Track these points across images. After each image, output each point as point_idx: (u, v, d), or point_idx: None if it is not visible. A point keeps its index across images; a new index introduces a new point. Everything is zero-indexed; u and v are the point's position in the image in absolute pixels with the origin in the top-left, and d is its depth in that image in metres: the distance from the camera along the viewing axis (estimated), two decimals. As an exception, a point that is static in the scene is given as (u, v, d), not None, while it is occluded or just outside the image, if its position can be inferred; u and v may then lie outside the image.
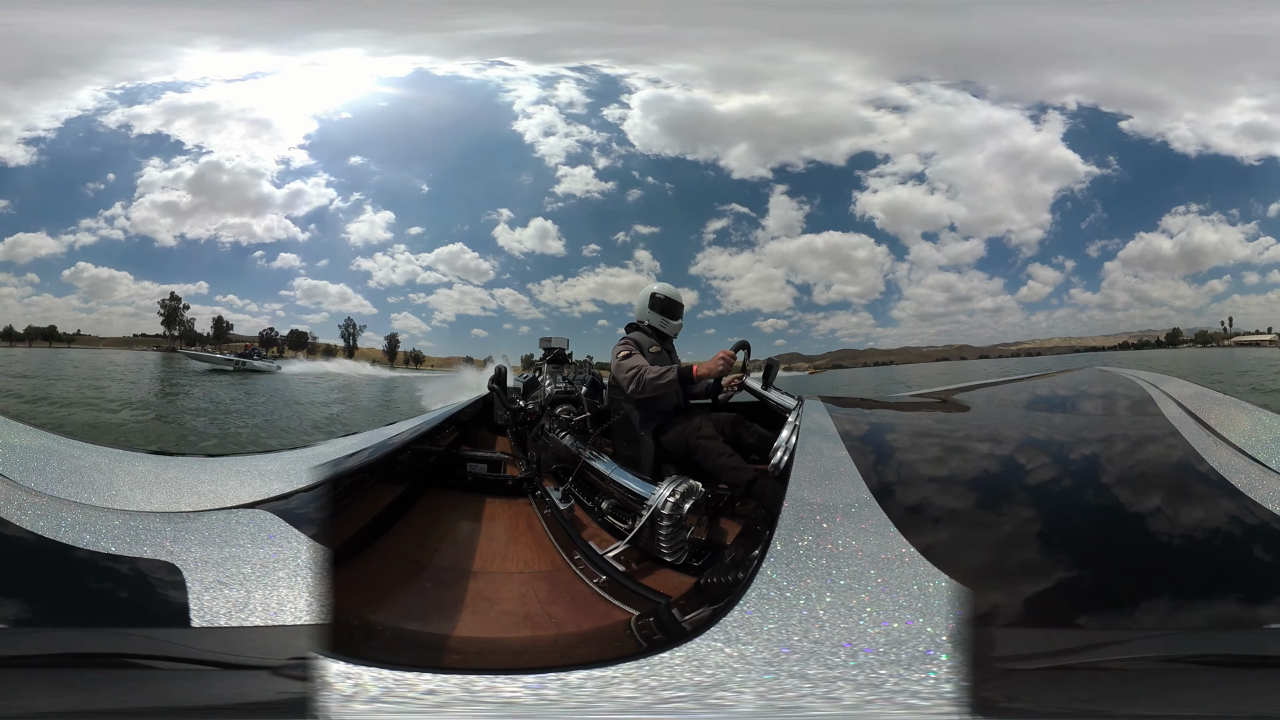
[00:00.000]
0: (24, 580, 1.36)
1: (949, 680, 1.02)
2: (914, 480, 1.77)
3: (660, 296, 3.14)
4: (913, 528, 1.31)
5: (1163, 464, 1.82)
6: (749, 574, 1.22)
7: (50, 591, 1.34)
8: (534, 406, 3.54)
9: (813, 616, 1.11)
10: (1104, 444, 2.07)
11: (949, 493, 1.69)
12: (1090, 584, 1.31)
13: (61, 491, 1.63)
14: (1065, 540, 1.45)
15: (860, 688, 1.02)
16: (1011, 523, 1.54)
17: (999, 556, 1.39)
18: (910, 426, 2.52)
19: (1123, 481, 1.76)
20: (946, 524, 1.49)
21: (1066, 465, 1.88)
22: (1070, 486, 1.73)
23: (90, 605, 1.33)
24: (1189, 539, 1.46)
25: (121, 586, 1.37)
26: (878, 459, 1.90)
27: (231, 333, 30.69)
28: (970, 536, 1.45)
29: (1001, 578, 1.30)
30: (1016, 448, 2.09)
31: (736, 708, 1.02)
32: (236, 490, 1.70)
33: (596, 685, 1.06)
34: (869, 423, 2.64)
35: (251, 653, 1.20)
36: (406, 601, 1.90)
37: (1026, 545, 1.42)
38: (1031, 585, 1.30)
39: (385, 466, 2.27)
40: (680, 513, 2.05)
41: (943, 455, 2.05)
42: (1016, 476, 1.85)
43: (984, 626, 1.09)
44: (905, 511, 1.41)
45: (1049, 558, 1.38)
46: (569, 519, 2.55)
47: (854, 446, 1.86)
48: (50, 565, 1.38)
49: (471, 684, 1.08)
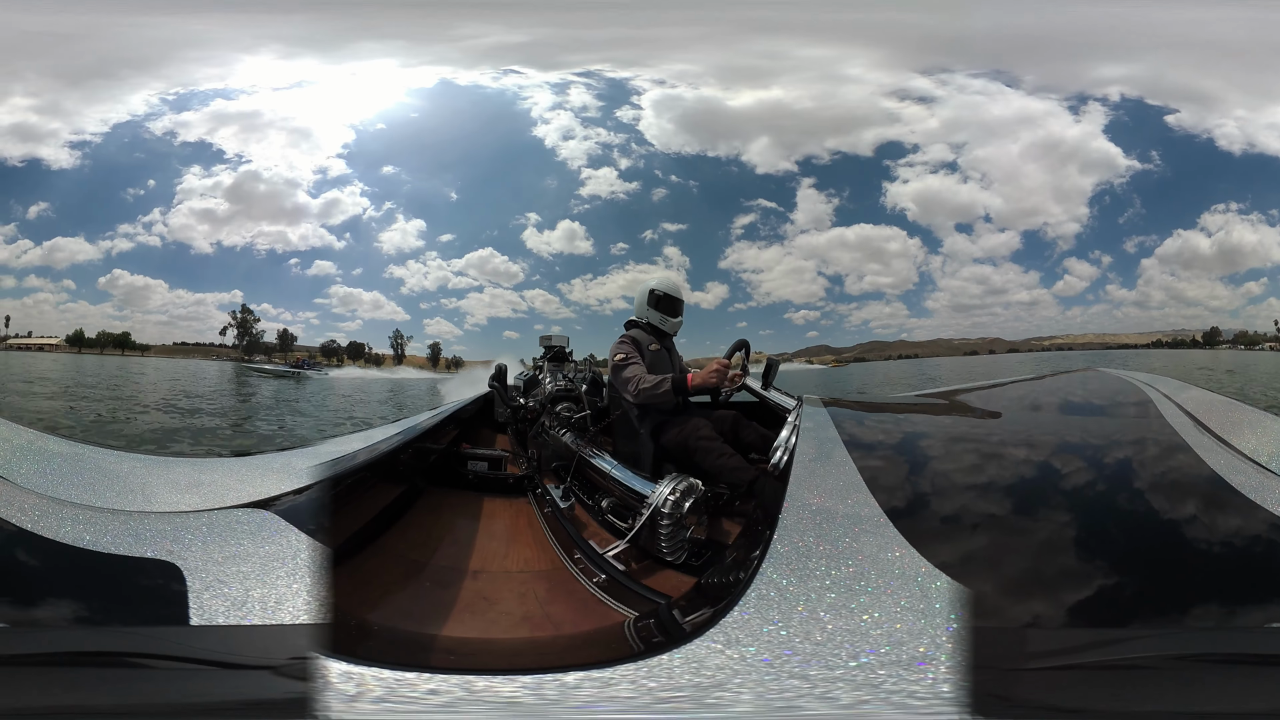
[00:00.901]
0: (24, 580, 1.37)
1: (948, 680, 1.02)
2: (914, 481, 1.77)
3: (659, 293, 3.08)
4: (913, 528, 1.31)
5: (1163, 464, 1.82)
6: (749, 574, 1.22)
7: (50, 591, 1.35)
8: (534, 404, 3.53)
9: (813, 618, 1.11)
10: (1108, 446, 2.07)
11: (950, 494, 1.69)
12: (1090, 584, 1.31)
13: (62, 493, 1.63)
14: (1066, 540, 1.45)
15: (859, 688, 1.02)
16: (1012, 523, 1.54)
17: (999, 556, 1.39)
18: (910, 428, 2.52)
19: (1123, 482, 1.77)
20: (947, 525, 1.49)
21: (1067, 465, 1.88)
22: (1070, 486, 1.73)
23: (90, 605, 1.33)
24: (1189, 538, 1.46)
25: (121, 586, 1.37)
26: (878, 460, 1.90)
27: (295, 343, 30.89)
28: (970, 537, 1.45)
29: (1002, 578, 1.30)
30: (1017, 449, 2.09)
31: (734, 708, 1.02)
32: (237, 490, 1.70)
33: (595, 686, 1.06)
34: (869, 423, 2.64)
35: (251, 652, 1.20)
36: (407, 601, 1.90)
37: (1027, 545, 1.42)
38: (1032, 585, 1.29)
39: (385, 465, 2.27)
40: (680, 511, 2.05)
41: (943, 456, 2.05)
42: (1019, 478, 1.85)
43: (984, 626, 1.09)
44: (905, 512, 1.41)
45: (1049, 558, 1.38)
46: (569, 517, 2.55)
47: (854, 447, 1.86)
48: (50, 565, 1.38)
49: (471, 684, 1.09)
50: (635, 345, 2.96)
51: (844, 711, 1.00)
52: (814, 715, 1.01)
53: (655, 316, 3.09)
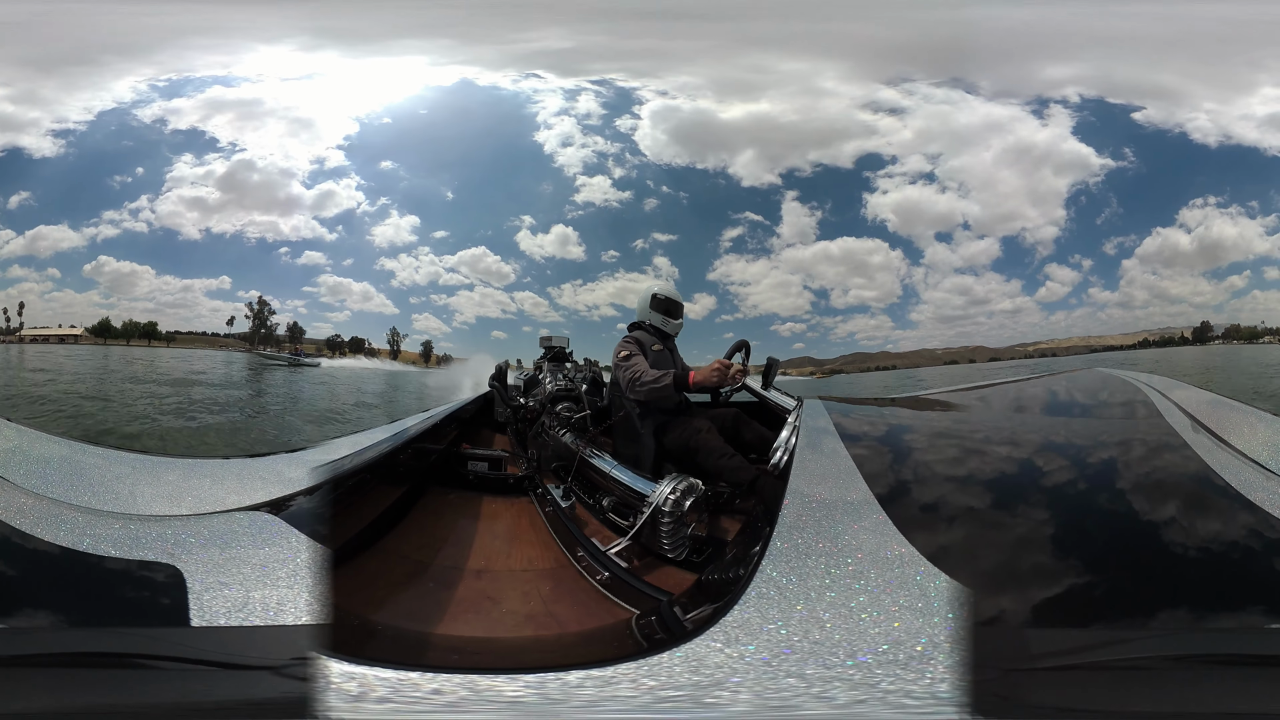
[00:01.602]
0: (25, 581, 1.37)
1: (946, 680, 1.02)
2: (914, 480, 1.77)
3: (661, 296, 3.17)
4: (912, 527, 1.31)
5: (1162, 464, 1.82)
6: (749, 572, 1.22)
7: (51, 593, 1.35)
8: (534, 404, 3.54)
9: (812, 616, 1.11)
10: (1102, 445, 2.07)
11: (949, 493, 1.69)
12: (1091, 584, 1.31)
13: (64, 495, 1.64)
14: (1067, 540, 1.45)
15: (857, 687, 1.02)
16: (1012, 523, 1.54)
17: (999, 556, 1.39)
18: (911, 427, 2.52)
19: (1123, 482, 1.76)
20: (946, 524, 1.49)
21: (1067, 465, 1.88)
22: (1070, 486, 1.73)
23: (91, 606, 1.34)
24: (1189, 538, 1.46)
25: (122, 588, 1.37)
26: (878, 459, 1.90)
27: (305, 336, 31.49)
28: (970, 536, 1.45)
29: (1002, 578, 1.30)
30: (1017, 449, 2.09)
31: (732, 707, 1.02)
32: (237, 493, 1.71)
33: (597, 685, 1.07)
34: (868, 423, 2.64)
35: (253, 652, 1.20)
36: (410, 601, 1.90)
37: (1027, 545, 1.42)
38: (1032, 585, 1.30)
39: (386, 466, 2.27)
40: (681, 509, 2.06)
41: (943, 456, 2.05)
42: (1018, 477, 1.85)
43: (984, 626, 1.09)
44: (905, 511, 1.41)
45: (1050, 558, 1.38)
46: (571, 516, 2.55)
47: (854, 446, 1.86)
48: (51, 567, 1.39)
49: (475, 683, 1.09)
50: (639, 344, 3.01)
51: (841, 711, 1.00)
52: (811, 714, 1.01)
53: (658, 318, 3.16)
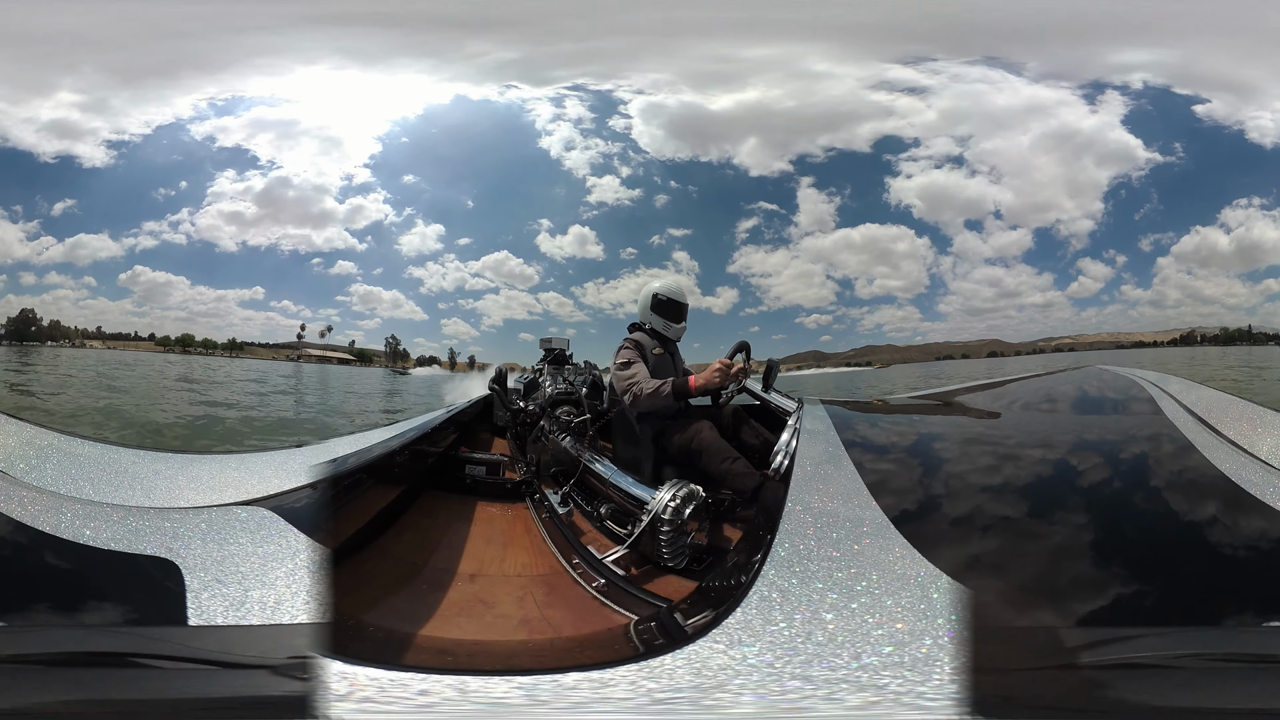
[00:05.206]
0: (23, 578, 1.36)
1: (950, 681, 1.01)
2: (916, 482, 1.76)
3: (663, 298, 3.00)
4: (915, 530, 1.30)
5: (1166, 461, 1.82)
6: (751, 577, 1.21)
7: (49, 589, 1.34)
8: (534, 407, 3.52)
9: (815, 619, 1.10)
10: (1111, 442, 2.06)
11: (950, 495, 1.68)
12: (1091, 584, 1.31)
13: (61, 488, 1.63)
14: (1067, 541, 1.45)
15: (863, 689, 1.01)
16: (1014, 524, 1.54)
17: (1001, 557, 1.38)
18: (912, 429, 2.51)
19: (1126, 482, 1.76)
20: (948, 526, 1.49)
21: (1068, 465, 1.87)
22: (1071, 486, 1.73)
23: (89, 603, 1.33)
24: (1187, 536, 1.45)
25: (120, 583, 1.36)
26: (879, 461, 1.89)
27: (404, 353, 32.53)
28: (972, 538, 1.45)
29: (1003, 578, 1.29)
30: (1022, 449, 2.08)
31: (734, 709, 1.01)
32: (235, 487, 1.70)
33: (593, 686, 1.05)
34: (869, 425, 2.64)
35: (250, 651, 1.19)
36: (403, 603, 1.88)
37: (1029, 546, 1.42)
38: (1033, 585, 1.29)
39: (384, 467, 2.26)
40: (681, 517, 2.04)
41: (944, 457, 2.04)
42: (1021, 478, 1.84)
43: (986, 627, 1.08)
44: (907, 514, 1.41)
45: (1051, 558, 1.38)
46: (568, 523, 2.53)
47: (855, 449, 1.86)
48: (49, 562, 1.38)
49: (464, 684, 1.08)
50: (638, 349, 2.91)
51: (848, 712, 1.00)
52: (817, 716, 1.00)
53: (658, 322, 3.03)
